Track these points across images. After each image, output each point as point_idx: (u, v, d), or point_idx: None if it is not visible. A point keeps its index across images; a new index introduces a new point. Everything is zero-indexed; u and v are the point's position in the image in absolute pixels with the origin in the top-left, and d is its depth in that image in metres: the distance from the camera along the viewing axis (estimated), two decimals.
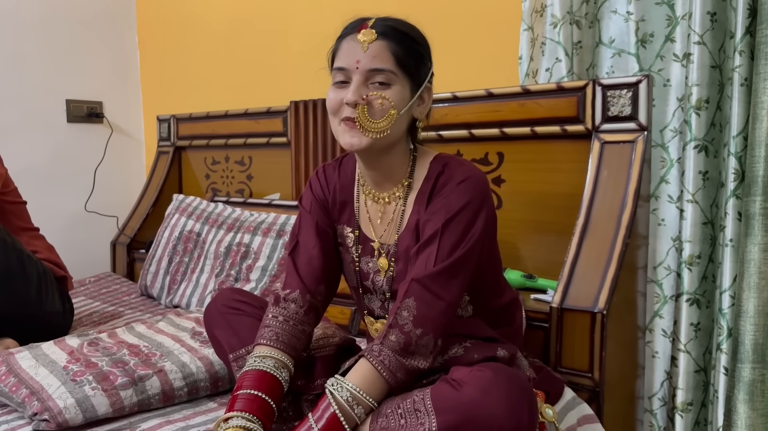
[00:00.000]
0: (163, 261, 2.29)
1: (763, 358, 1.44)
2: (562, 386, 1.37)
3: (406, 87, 1.12)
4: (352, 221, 1.25)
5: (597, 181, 1.56)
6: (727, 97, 1.55)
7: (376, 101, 1.09)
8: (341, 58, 1.13)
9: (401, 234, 1.18)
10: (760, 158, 1.41)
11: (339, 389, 1.02)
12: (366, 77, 1.09)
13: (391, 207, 1.21)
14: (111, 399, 1.24)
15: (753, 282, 1.43)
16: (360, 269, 1.24)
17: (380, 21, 1.12)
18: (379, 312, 1.25)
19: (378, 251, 1.21)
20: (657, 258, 1.68)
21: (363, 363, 1.04)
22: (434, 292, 1.06)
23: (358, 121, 1.09)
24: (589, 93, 1.60)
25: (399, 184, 1.20)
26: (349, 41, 1.12)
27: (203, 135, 2.69)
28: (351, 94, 1.08)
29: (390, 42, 1.10)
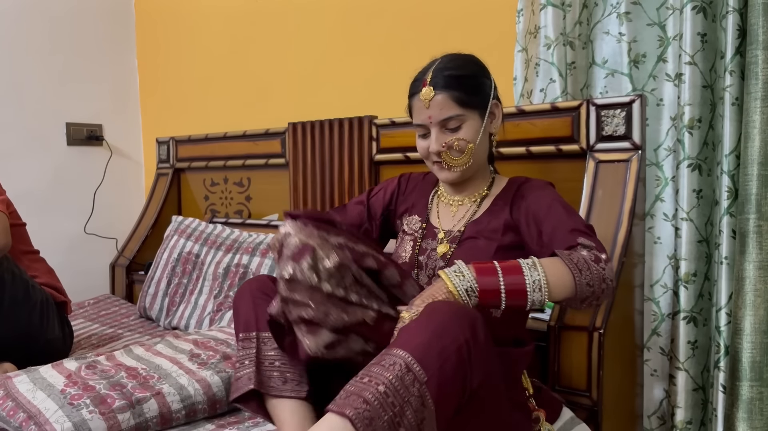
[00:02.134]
0: (161, 283, 2.29)
1: (761, 376, 1.43)
2: (561, 406, 1.36)
3: (475, 117, 1.28)
4: (423, 213, 1.42)
5: (592, 200, 1.57)
6: (719, 116, 1.56)
7: (454, 144, 1.26)
8: (416, 116, 1.31)
9: (469, 225, 1.33)
10: (752, 176, 1.42)
11: (529, 267, 1.10)
12: (440, 126, 1.26)
13: (464, 208, 1.37)
14: (108, 423, 1.23)
15: (749, 299, 1.43)
16: (420, 246, 1.37)
17: (437, 73, 1.26)
18: (426, 282, 1.32)
19: (441, 239, 1.34)
20: (654, 276, 1.68)
21: (556, 259, 1.12)
22: (594, 238, 1.19)
23: (445, 162, 1.29)
24: (584, 113, 1.61)
25: (476, 193, 1.37)
26: (417, 101, 1.29)
27: (202, 157, 2.70)
28: (433, 145, 1.27)
29: (449, 91, 1.24)
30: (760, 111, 1.41)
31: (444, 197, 1.41)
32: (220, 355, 1.50)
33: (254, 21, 2.70)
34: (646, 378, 1.67)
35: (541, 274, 1.07)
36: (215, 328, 1.80)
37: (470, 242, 1.30)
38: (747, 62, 1.44)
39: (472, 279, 1.07)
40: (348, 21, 2.38)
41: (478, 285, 1.07)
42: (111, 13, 3.15)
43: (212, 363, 1.47)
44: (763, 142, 1.41)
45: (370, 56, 2.28)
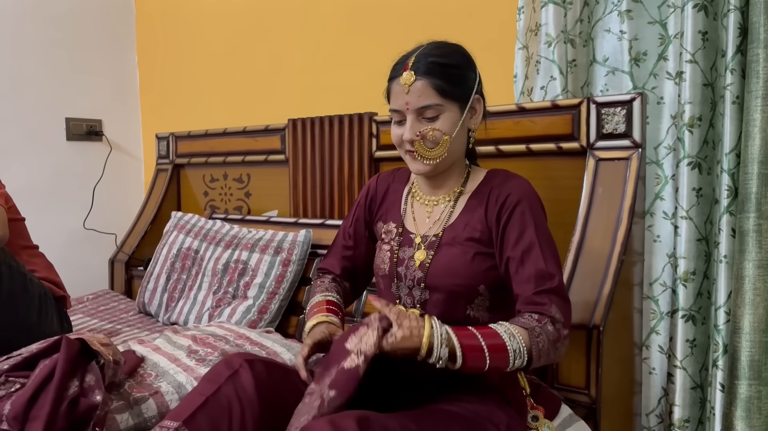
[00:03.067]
0: (161, 279, 2.29)
1: (760, 375, 1.43)
2: (559, 403, 1.37)
3: (454, 110, 1.21)
4: (397, 218, 1.36)
5: (592, 198, 1.57)
6: (719, 114, 1.56)
7: (428, 134, 1.19)
8: (393, 101, 1.24)
9: (447, 227, 1.27)
10: (752, 175, 1.42)
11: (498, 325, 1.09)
12: (417, 114, 1.20)
13: (440, 208, 1.30)
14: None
15: (748, 298, 1.43)
16: (398, 256, 1.31)
17: (420, 58, 1.19)
18: (406, 299, 1.29)
19: (418, 244, 1.29)
20: (653, 275, 1.69)
21: (521, 329, 1.08)
22: (564, 294, 1.16)
23: (418, 153, 1.21)
24: (584, 111, 1.61)
25: (451, 191, 1.30)
26: (396, 85, 1.22)
27: (202, 152, 2.70)
28: (407, 132, 1.20)
29: (430, 78, 1.18)
30: (761, 109, 1.41)
31: (418, 196, 1.34)
32: (218, 352, 1.51)
33: (255, 17, 2.69)
34: (644, 377, 1.67)
35: (520, 359, 1.06)
36: (214, 324, 1.80)
37: (447, 249, 1.24)
38: (748, 60, 1.44)
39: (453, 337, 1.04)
40: (349, 17, 2.37)
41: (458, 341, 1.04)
42: (111, 8, 3.15)
43: (210, 360, 1.47)
44: (764, 140, 1.41)
45: (371, 53, 2.28)
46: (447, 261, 1.22)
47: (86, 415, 1.19)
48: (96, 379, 1.25)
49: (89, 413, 1.20)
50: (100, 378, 1.26)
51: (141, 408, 1.30)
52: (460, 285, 1.20)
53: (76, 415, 1.18)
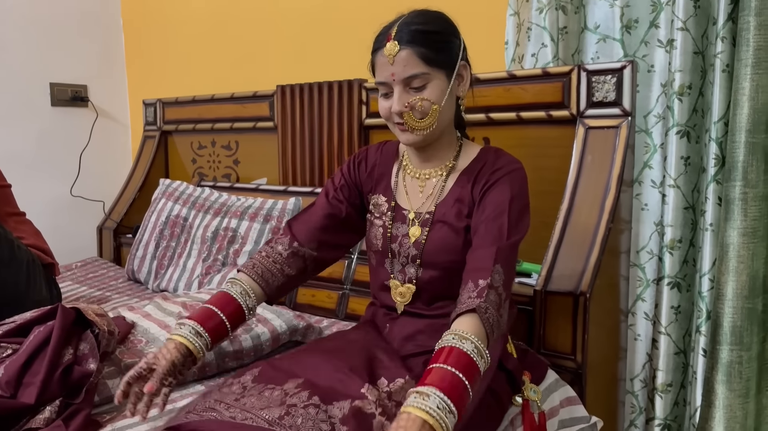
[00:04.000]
0: (150, 246, 2.29)
1: (741, 340, 1.47)
2: (546, 368, 1.39)
3: (441, 77, 1.18)
4: (389, 192, 1.33)
5: (581, 166, 1.58)
6: (709, 82, 1.56)
7: (417, 104, 1.16)
8: (379, 74, 1.21)
9: (440, 203, 1.25)
10: (740, 144, 1.43)
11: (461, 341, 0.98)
12: (404, 84, 1.16)
13: (432, 182, 1.28)
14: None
15: (732, 266, 1.46)
16: (391, 233, 1.30)
17: (402, 27, 1.17)
18: (399, 276, 1.29)
19: (412, 220, 1.28)
20: (640, 243, 1.70)
21: (474, 319, 1.02)
22: (513, 262, 1.14)
23: (407, 125, 1.18)
24: (575, 78, 1.61)
25: (443, 164, 1.28)
26: (380, 56, 1.19)
27: (189, 119, 2.67)
28: (395, 104, 1.17)
29: (414, 47, 1.15)
30: (750, 78, 1.42)
31: (410, 169, 1.31)
32: None
33: None
34: (629, 343, 1.70)
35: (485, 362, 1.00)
36: (204, 291, 1.81)
37: (440, 227, 1.23)
38: (739, 29, 1.44)
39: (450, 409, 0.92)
40: None
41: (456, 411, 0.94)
42: None
43: None
44: (752, 109, 1.42)
45: (360, 18, 2.25)
46: (442, 239, 1.22)
47: (79, 382, 1.20)
48: (90, 348, 1.25)
49: (82, 380, 1.20)
50: (95, 347, 1.26)
51: None
52: (456, 262, 1.20)
53: (70, 382, 1.19)
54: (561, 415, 1.35)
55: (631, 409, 1.72)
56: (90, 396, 1.20)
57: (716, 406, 1.49)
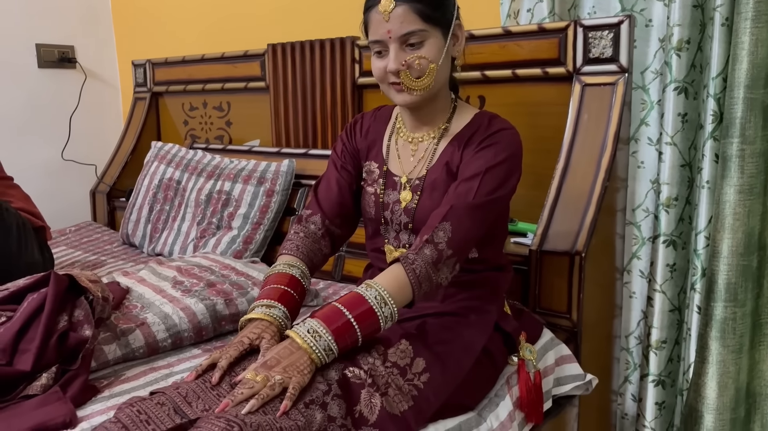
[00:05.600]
0: (143, 210, 2.28)
1: (735, 297, 1.47)
2: (541, 327, 1.40)
3: (438, 36, 1.16)
4: (380, 158, 1.32)
5: (577, 124, 1.56)
6: (708, 37, 1.54)
7: (414, 63, 1.14)
8: (373, 32, 1.17)
9: (431, 168, 1.24)
10: (738, 100, 1.42)
11: (368, 289, 1.06)
12: (400, 42, 1.14)
13: (424, 145, 1.27)
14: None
15: (728, 223, 1.46)
16: (383, 200, 1.29)
17: None
18: (393, 242, 1.30)
19: (403, 185, 1.27)
20: (636, 201, 1.70)
21: (397, 268, 1.09)
22: (469, 222, 1.13)
23: (404, 84, 1.15)
24: (571, 34, 1.58)
25: (436, 127, 1.26)
26: (375, 13, 1.15)
27: (180, 80, 2.63)
28: (391, 63, 1.14)
29: (411, 3, 1.12)
30: (750, 32, 1.39)
31: (403, 133, 1.30)
32: (204, 283, 1.51)
33: None
34: (624, 301, 1.71)
35: (391, 306, 1.05)
36: (199, 255, 1.81)
37: (430, 193, 1.23)
38: None
39: (329, 339, 1.00)
40: None
41: (337, 345, 1.00)
42: None
43: (196, 290, 1.48)
44: (751, 64, 1.40)
45: None
46: (431, 204, 1.21)
47: (75, 348, 1.20)
48: (85, 314, 1.25)
49: (78, 346, 1.20)
50: (90, 313, 1.26)
51: (128, 339, 1.31)
52: None
53: (66, 348, 1.19)
54: (556, 373, 1.37)
55: (626, 366, 1.74)
56: (86, 362, 1.20)
57: (710, 362, 1.50)
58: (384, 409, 1.01)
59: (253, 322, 1.12)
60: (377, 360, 1.06)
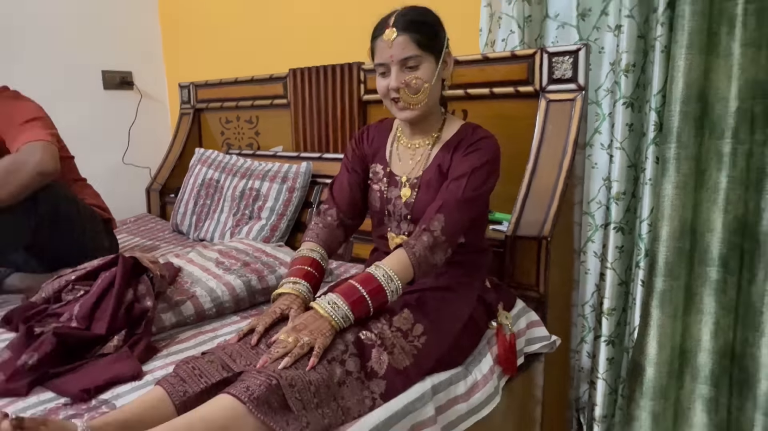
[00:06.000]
0: (189, 204, 2.26)
1: (672, 273, 1.46)
2: (515, 298, 1.39)
3: (431, 61, 1.16)
4: (384, 161, 1.31)
5: (543, 133, 1.54)
6: (649, 62, 1.52)
7: (412, 82, 1.14)
8: (378, 56, 1.17)
9: (426, 169, 1.23)
10: (675, 112, 1.40)
11: (377, 269, 1.06)
12: (400, 65, 1.14)
13: (420, 151, 1.26)
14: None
15: (666, 213, 1.44)
16: (386, 196, 1.28)
17: (399, 17, 1.15)
18: (395, 230, 1.28)
19: (403, 183, 1.26)
20: (590, 195, 1.68)
21: (400, 252, 1.09)
22: (458, 214, 1.13)
23: (403, 100, 1.16)
24: (538, 59, 1.56)
25: (429, 136, 1.25)
26: (380, 42, 1.16)
27: (217, 99, 2.61)
28: (393, 81, 1.15)
29: (410, 33, 1.13)
30: (684, 57, 1.37)
31: (402, 140, 1.28)
32: (240, 263, 1.50)
33: None
34: (581, 276, 1.70)
35: (396, 283, 1.05)
36: (236, 240, 1.79)
37: (426, 190, 1.22)
38: (676, 15, 1.39)
39: (346, 309, 1.00)
40: None
41: (353, 314, 1.00)
42: None
43: (234, 269, 1.46)
44: (685, 83, 1.38)
45: (358, 10, 2.17)
46: (427, 200, 1.20)
47: (140, 317, 1.20)
48: (147, 289, 1.25)
49: (142, 315, 1.20)
50: (150, 288, 1.26)
51: (181, 309, 1.30)
52: None
53: (132, 317, 1.19)
54: (527, 335, 1.36)
55: (582, 329, 1.73)
56: (148, 328, 1.20)
57: (651, 326, 1.49)
58: (390, 365, 1.00)
59: (283, 296, 1.12)
60: (384, 326, 1.05)
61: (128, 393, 0.99)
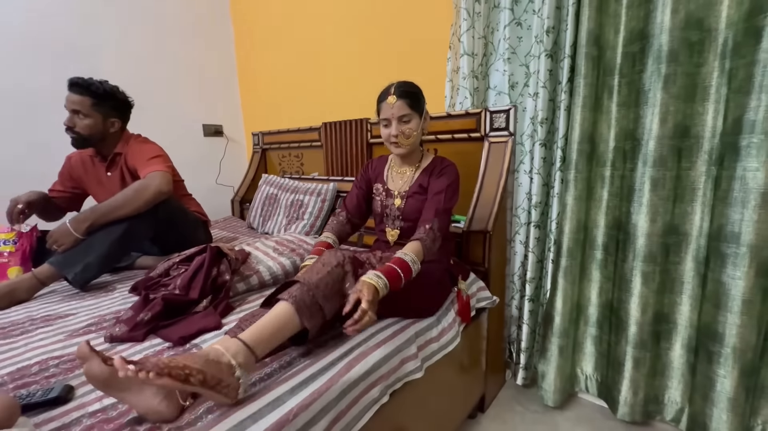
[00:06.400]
0: (258, 209, 2.21)
1: (571, 254, 1.41)
2: (469, 272, 1.34)
3: (417, 118, 1.16)
4: (382, 181, 1.30)
5: (487, 163, 1.49)
6: (557, 117, 1.46)
7: (405, 131, 1.15)
8: (383, 113, 1.16)
9: (412, 185, 1.22)
10: (574, 150, 1.35)
11: (404, 255, 1.03)
12: (398, 120, 1.15)
13: (407, 175, 1.25)
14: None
15: (568, 215, 1.39)
16: (385, 204, 1.27)
17: (398, 88, 1.14)
18: (390, 226, 1.25)
19: (395, 195, 1.24)
20: (517, 203, 1.63)
21: (416, 244, 1.06)
22: (444, 217, 1.13)
23: (399, 143, 1.16)
24: (483, 115, 1.51)
25: (413, 166, 1.25)
26: (384, 104, 1.15)
27: (276, 141, 2.55)
28: (393, 130, 1.15)
29: (405, 99, 1.13)
30: (580, 113, 1.32)
31: (395, 168, 1.27)
32: (289, 249, 1.45)
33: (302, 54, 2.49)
34: (511, 256, 1.64)
35: (418, 264, 1.03)
36: (287, 234, 1.74)
37: (412, 198, 1.21)
38: (574, 86, 1.33)
39: (385, 284, 0.94)
40: (361, 60, 2.19)
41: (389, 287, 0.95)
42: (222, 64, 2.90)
43: (285, 253, 1.41)
44: (581, 130, 1.33)
45: (368, 81, 2.12)
46: (412, 206, 1.19)
47: (221, 286, 1.15)
48: (226, 268, 1.20)
49: (222, 285, 1.15)
50: (228, 266, 1.21)
51: (249, 280, 1.25)
52: (419, 218, 1.17)
53: (216, 286, 1.14)
54: (477, 296, 1.31)
55: (512, 291, 1.67)
56: (227, 293, 1.15)
57: (558, 289, 1.44)
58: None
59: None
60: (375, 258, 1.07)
61: (212, 339, 0.94)
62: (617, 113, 1.29)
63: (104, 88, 1.51)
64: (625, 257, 1.34)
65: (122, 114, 1.58)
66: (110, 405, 0.72)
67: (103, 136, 1.53)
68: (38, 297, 1.26)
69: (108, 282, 1.38)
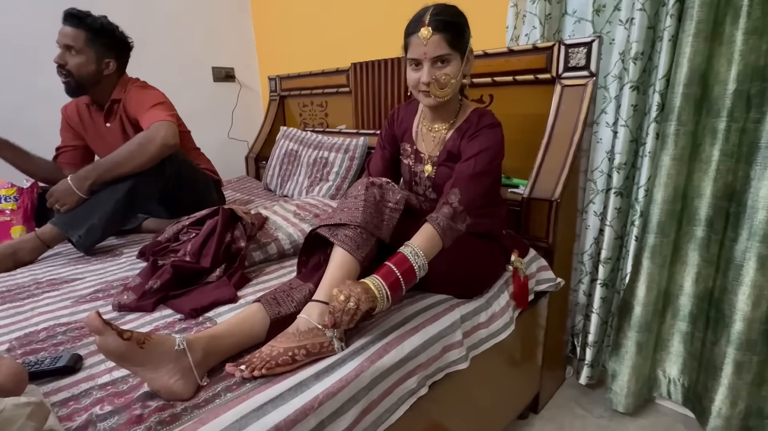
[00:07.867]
0: (276, 168, 2.23)
1: (663, 230, 1.31)
2: (528, 247, 1.29)
3: (457, 58, 1.02)
4: (410, 140, 1.20)
5: (558, 113, 1.39)
6: (656, 51, 1.31)
7: (441, 77, 1.01)
8: (412, 51, 1.02)
9: (442, 150, 1.14)
10: (677, 94, 1.21)
11: (406, 247, 0.92)
12: (432, 62, 1.01)
13: (439, 134, 1.15)
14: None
15: (662, 181, 1.28)
16: (414, 170, 1.20)
17: (434, 16, 0.99)
18: (421, 194, 1.21)
19: (426, 159, 1.16)
20: (594, 165, 1.52)
21: (427, 226, 0.96)
22: (471, 186, 1.01)
23: (432, 93, 1.04)
24: (556, 51, 1.38)
25: (447, 122, 1.14)
26: (415, 38, 1.00)
27: (296, 87, 2.52)
28: (424, 76, 1.01)
29: (443, 33, 0.98)
30: (691, 44, 1.17)
31: (425, 124, 1.16)
32: (312, 214, 1.45)
33: None
34: (582, 231, 1.56)
35: (423, 259, 0.90)
36: (309, 197, 1.74)
37: (442, 168, 1.13)
38: (685, 7, 1.18)
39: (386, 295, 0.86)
40: None
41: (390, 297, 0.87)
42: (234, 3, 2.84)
43: (307, 218, 1.42)
44: (690, 68, 1.19)
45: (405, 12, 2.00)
46: (443, 175, 1.12)
47: (236, 254, 1.17)
48: (241, 233, 1.22)
49: (237, 253, 1.18)
50: (244, 232, 1.23)
51: (267, 249, 1.27)
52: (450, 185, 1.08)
53: (230, 254, 1.17)
54: (537, 277, 1.27)
55: (581, 273, 1.60)
56: (242, 263, 1.17)
57: (641, 273, 1.36)
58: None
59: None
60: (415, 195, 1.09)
61: (226, 313, 0.96)
62: (743, 44, 1.13)
63: (101, 22, 1.52)
64: (736, 236, 1.22)
65: (119, 55, 1.59)
66: (120, 378, 0.76)
67: (97, 78, 1.55)
68: (42, 259, 1.35)
69: (114, 246, 1.46)
